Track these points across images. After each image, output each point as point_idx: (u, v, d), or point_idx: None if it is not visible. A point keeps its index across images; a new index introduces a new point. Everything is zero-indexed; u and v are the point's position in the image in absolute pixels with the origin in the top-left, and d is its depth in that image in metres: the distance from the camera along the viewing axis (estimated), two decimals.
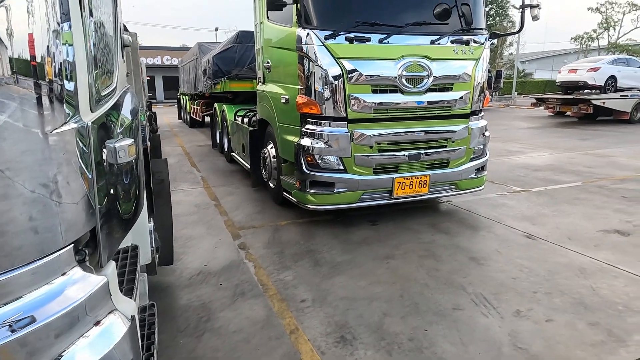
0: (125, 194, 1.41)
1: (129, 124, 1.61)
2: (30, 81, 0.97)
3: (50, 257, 1.02)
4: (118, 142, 1.30)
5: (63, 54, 1.02)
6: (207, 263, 3.87)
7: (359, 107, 4.31)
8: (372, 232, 4.61)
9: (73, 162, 1.08)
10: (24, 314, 0.97)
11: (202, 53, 11.71)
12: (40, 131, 0.99)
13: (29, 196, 0.99)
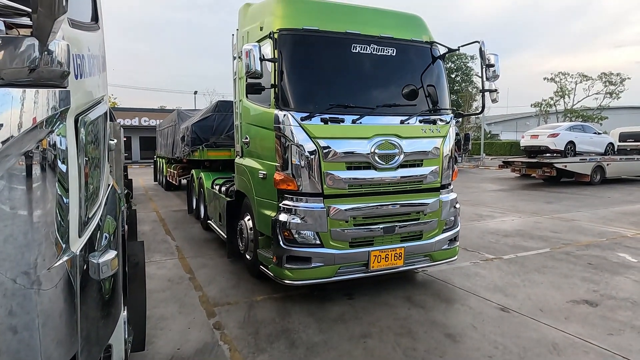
0: (106, 306, 1.43)
1: (113, 228, 1.66)
2: (27, 224, 1.03)
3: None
4: (101, 258, 1.34)
5: (58, 197, 1.09)
6: (179, 347, 3.74)
7: (334, 183, 4.47)
8: (348, 307, 4.59)
9: (59, 294, 1.12)
10: None
11: (180, 120, 11.97)
12: (31, 273, 1.03)
13: (14, 334, 1.01)
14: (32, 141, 1.00)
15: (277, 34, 4.47)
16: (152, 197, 14.53)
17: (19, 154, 0.97)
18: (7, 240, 0.98)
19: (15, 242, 1.00)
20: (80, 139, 1.23)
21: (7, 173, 0.97)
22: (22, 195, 1.01)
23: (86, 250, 1.30)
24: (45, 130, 1.03)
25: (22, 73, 0.92)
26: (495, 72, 5.01)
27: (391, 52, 4.91)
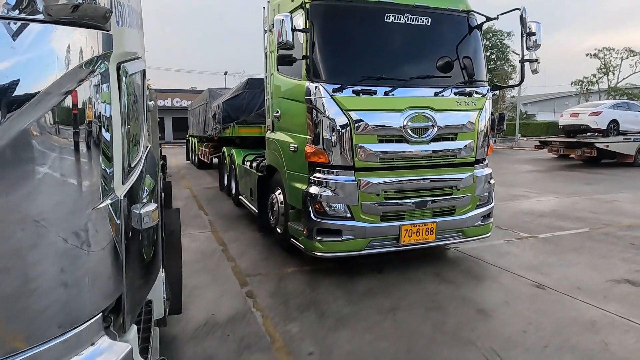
0: (147, 257, 1.47)
1: (152, 186, 1.70)
2: (73, 164, 1.06)
3: (80, 328, 1.07)
4: (143, 208, 1.38)
5: (103, 138, 1.12)
6: (214, 312, 3.86)
7: (365, 156, 4.42)
8: (377, 281, 4.59)
9: (105, 236, 1.16)
10: None
11: (212, 98, 12.10)
12: (79, 210, 1.07)
13: (64, 270, 1.05)
14: (74, 81, 1.02)
15: (309, 3, 4.41)
16: (184, 175, 14.89)
17: (62, 92, 1.00)
18: (51, 178, 1.01)
19: (61, 181, 1.04)
20: (122, 87, 1.25)
21: (52, 112, 0.99)
22: (67, 134, 1.04)
23: (129, 199, 1.33)
24: (87, 70, 1.06)
25: (66, 10, 0.94)
26: (537, 41, 4.77)
27: (426, 21, 4.75)
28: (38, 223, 1.00)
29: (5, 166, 0.92)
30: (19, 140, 0.94)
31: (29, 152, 0.96)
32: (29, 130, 0.95)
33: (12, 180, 0.94)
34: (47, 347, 1.00)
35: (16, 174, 0.95)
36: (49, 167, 1.01)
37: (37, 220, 1.00)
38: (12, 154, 0.92)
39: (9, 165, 0.93)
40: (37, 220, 1.00)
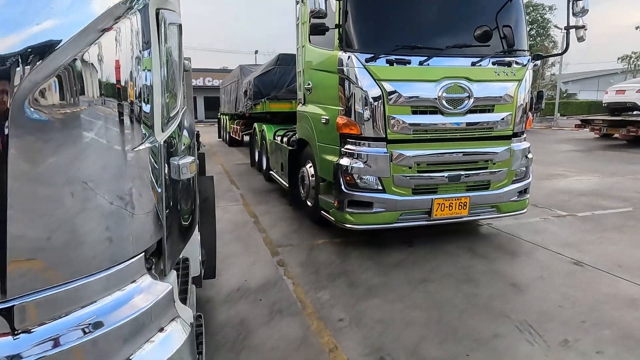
0: (185, 208, 1.51)
1: (188, 142, 1.73)
2: (114, 103, 1.08)
3: (122, 265, 1.12)
4: (181, 160, 1.41)
5: (143, 79, 1.14)
6: (246, 279, 3.95)
7: (398, 128, 4.35)
8: (408, 254, 4.57)
9: (146, 177, 1.19)
10: (97, 317, 1.05)
11: (243, 75, 12.15)
12: (121, 149, 1.10)
13: (107, 208, 1.09)
14: (113, 17, 1.03)
15: None
16: (216, 152, 15.14)
17: (101, 29, 1.01)
18: (93, 118, 1.04)
19: (102, 121, 1.06)
20: (160, 32, 1.26)
21: (90, 49, 1.01)
22: (107, 73, 1.06)
23: (167, 149, 1.36)
24: (126, 7, 1.06)
25: None
26: (584, 7, 4.50)
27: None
28: (83, 162, 1.03)
29: (50, 105, 0.95)
30: (60, 76, 0.96)
31: (70, 89, 0.98)
32: (69, 67, 0.96)
33: (56, 120, 0.96)
34: (92, 279, 1.05)
35: (59, 113, 0.97)
36: (90, 107, 1.03)
37: (83, 159, 1.03)
38: (56, 89, 0.95)
39: (53, 105, 0.96)
40: (83, 159, 1.03)
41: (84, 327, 1.02)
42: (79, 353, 1.00)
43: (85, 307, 1.04)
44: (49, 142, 0.96)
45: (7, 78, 0.89)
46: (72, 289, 1.00)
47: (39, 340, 0.94)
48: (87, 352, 1.01)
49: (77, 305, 1.02)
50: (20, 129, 0.91)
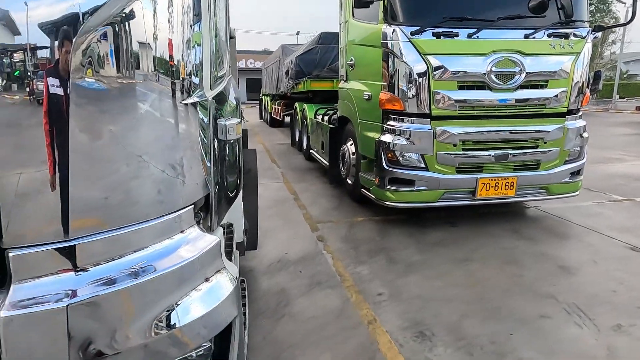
0: (231, 168, 1.54)
1: (234, 107, 1.76)
2: (166, 55, 1.11)
3: (172, 215, 1.16)
4: (228, 121, 1.43)
5: (194, 30, 1.15)
6: (286, 252, 4.02)
7: (443, 104, 4.21)
8: (449, 234, 4.47)
9: (195, 131, 1.22)
10: (147, 262, 1.09)
11: (285, 55, 12.16)
12: (171, 101, 1.13)
13: (159, 159, 1.13)
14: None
15: None
16: (257, 132, 15.36)
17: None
18: (145, 68, 1.06)
19: (154, 72, 1.09)
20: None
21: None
22: (159, 24, 1.08)
23: (215, 106, 1.38)
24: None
25: None
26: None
27: None
28: (135, 114, 1.07)
29: (103, 56, 0.98)
30: (112, 25, 0.98)
31: (121, 41, 1.01)
32: (120, 18, 0.99)
33: (109, 74, 0.99)
34: (144, 226, 1.09)
35: (111, 65, 1.00)
36: (142, 58, 1.06)
37: (135, 111, 1.06)
38: (108, 40, 0.98)
39: (106, 56, 0.99)
40: (135, 111, 1.06)
41: (135, 271, 1.07)
42: (129, 295, 1.05)
43: (137, 252, 1.08)
44: (103, 96, 0.99)
45: (69, 38, 0.92)
46: (125, 234, 1.05)
47: (94, 279, 0.99)
48: (136, 294, 1.06)
49: (130, 250, 1.07)
50: (79, 86, 0.95)
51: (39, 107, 0.92)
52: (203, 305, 1.17)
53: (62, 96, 0.92)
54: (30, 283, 0.93)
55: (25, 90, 0.91)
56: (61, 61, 0.92)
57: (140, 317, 1.05)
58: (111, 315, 1.01)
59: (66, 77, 0.93)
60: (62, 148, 0.94)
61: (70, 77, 0.93)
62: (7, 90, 0.89)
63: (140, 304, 1.06)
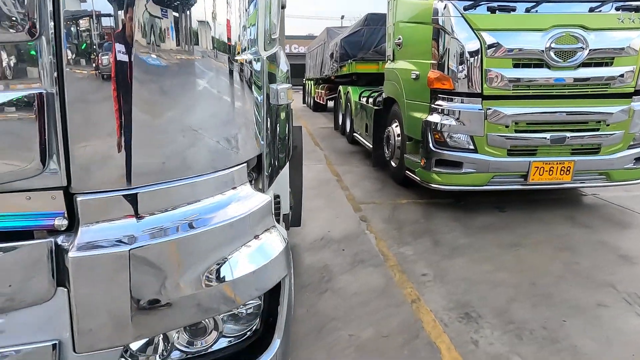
0: (281, 133, 1.55)
1: (284, 74, 1.76)
2: (224, 9, 1.11)
3: (226, 172, 1.17)
4: (279, 85, 1.42)
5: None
6: (329, 230, 4.03)
7: (496, 82, 4.02)
8: (498, 219, 4.31)
9: (249, 89, 1.22)
10: (200, 215, 1.12)
11: (330, 37, 12.06)
12: (228, 56, 1.13)
13: (214, 116, 1.14)
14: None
15: None
16: (301, 116, 15.41)
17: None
18: (201, 27, 1.07)
19: (209, 29, 1.09)
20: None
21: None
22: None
23: (268, 67, 1.38)
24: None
25: None
26: None
27: None
28: (193, 69, 1.08)
29: (160, 17, 0.99)
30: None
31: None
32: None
33: (166, 26, 1.01)
34: (198, 180, 1.12)
35: (169, 20, 1.01)
36: (199, 13, 1.06)
37: (191, 66, 1.08)
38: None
39: (163, 17, 1.00)
40: (191, 66, 1.08)
41: (189, 222, 1.09)
42: (183, 245, 1.08)
43: (191, 205, 1.11)
44: (162, 53, 1.01)
45: (132, 4, 0.94)
46: (181, 186, 1.08)
47: (153, 227, 1.03)
48: (187, 245, 1.08)
49: (184, 202, 1.10)
50: (140, 48, 0.97)
51: (107, 67, 0.95)
52: (253, 262, 1.19)
53: (128, 54, 0.95)
54: (96, 227, 0.98)
55: (94, 53, 0.94)
56: (127, 27, 0.94)
57: (192, 268, 1.08)
58: (167, 263, 1.05)
59: (130, 35, 0.95)
60: (127, 106, 0.97)
61: (133, 32, 0.95)
62: (79, 54, 0.93)
63: (193, 255, 1.09)
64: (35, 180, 0.94)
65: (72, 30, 0.92)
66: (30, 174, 0.93)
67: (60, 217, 0.97)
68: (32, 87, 0.91)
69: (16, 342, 0.99)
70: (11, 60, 0.91)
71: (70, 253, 0.96)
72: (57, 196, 0.97)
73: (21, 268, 0.96)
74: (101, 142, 0.97)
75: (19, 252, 0.95)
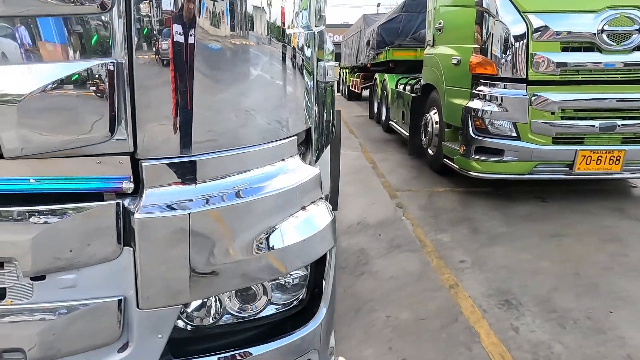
0: (327, 110, 1.57)
1: (329, 53, 1.77)
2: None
3: (276, 143, 1.21)
4: (327, 63, 1.44)
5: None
6: (365, 216, 4.05)
7: (543, 67, 3.88)
8: (540, 208, 4.18)
9: (300, 63, 1.25)
10: (249, 184, 1.16)
11: (366, 25, 11.92)
12: (281, 28, 1.16)
13: (267, 89, 1.18)
14: None
15: None
16: (335, 104, 15.38)
17: None
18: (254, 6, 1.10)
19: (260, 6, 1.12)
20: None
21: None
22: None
23: (317, 43, 1.40)
24: None
25: None
26: None
27: None
28: (248, 41, 1.12)
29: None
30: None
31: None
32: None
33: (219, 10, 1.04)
34: (250, 150, 1.16)
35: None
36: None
37: (247, 38, 1.11)
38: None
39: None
40: (247, 38, 1.11)
41: (241, 190, 1.14)
42: (234, 211, 1.12)
43: (242, 174, 1.15)
44: (220, 28, 1.05)
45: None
46: (235, 156, 1.13)
47: (210, 192, 1.09)
48: (240, 211, 1.13)
49: (237, 171, 1.14)
50: (202, 25, 1.01)
51: (172, 42, 0.99)
52: (301, 232, 1.22)
53: (190, 30, 1.00)
54: (159, 190, 1.04)
55: (161, 28, 0.99)
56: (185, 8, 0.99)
57: (244, 234, 1.13)
58: (221, 228, 1.10)
59: (191, 31, 1.00)
60: (189, 79, 1.02)
61: (195, 11, 1.00)
62: (147, 28, 0.98)
63: (244, 221, 1.14)
64: (105, 146, 1.00)
65: (141, 5, 0.97)
66: (100, 140, 0.99)
67: (127, 181, 1.04)
68: (104, 58, 0.97)
69: (86, 296, 1.07)
70: (85, 32, 0.97)
71: (135, 214, 1.02)
72: (124, 161, 1.03)
73: (92, 227, 1.03)
74: (165, 112, 1.03)
75: (91, 212, 1.02)
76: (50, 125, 0.97)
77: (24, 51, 0.95)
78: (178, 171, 1.06)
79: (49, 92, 0.95)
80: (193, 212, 1.05)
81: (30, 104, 0.94)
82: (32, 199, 1.03)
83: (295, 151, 1.28)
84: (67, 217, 1.02)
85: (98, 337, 1.09)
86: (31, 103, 0.94)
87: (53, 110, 0.96)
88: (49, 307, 1.06)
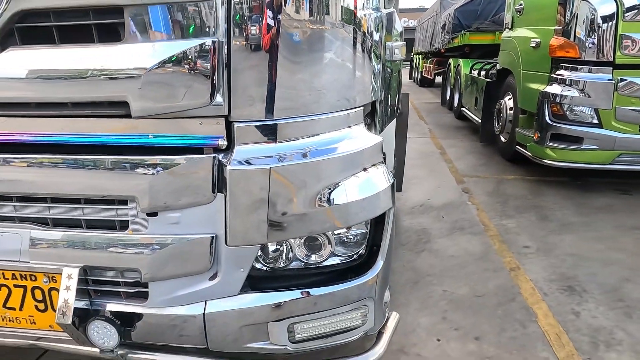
0: (393, 87, 1.70)
1: (397, 34, 1.89)
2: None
3: (344, 112, 1.37)
4: (394, 43, 1.57)
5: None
6: (429, 198, 4.10)
7: (633, 50, 3.63)
8: (620, 200, 3.95)
9: (371, 42, 1.39)
10: (317, 146, 1.33)
11: (443, 8, 11.56)
12: (353, 9, 1.31)
13: (339, 64, 1.34)
14: None
15: None
16: (406, 91, 15.16)
17: None
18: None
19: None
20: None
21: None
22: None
23: (386, 23, 1.53)
24: None
25: None
26: None
27: None
28: (324, 19, 1.28)
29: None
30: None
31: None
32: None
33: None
34: (321, 117, 1.33)
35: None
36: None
37: (322, 21, 1.28)
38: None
39: None
40: (322, 21, 1.28)
41: (310, 150, 1.32)
42: (304, 168, 1.31)
43: (313, 137, 1.33)
44: (298, 14, 1.23)
45: None
46: (308, 121, 1.31)
47: (287, 151, 1.28)
48: (308, 168, 1.31)
49: (308, 134, 1.32)
50: (287, 11, 1.20)
51: (263, 24, 1.19)
52: (362, 190, 1.38)
53: (276, 13, 1.19)
54: (246, 147, 1.26)
55: (254, 12, 1.19)
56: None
57: (312, 187, 1.32)
58: (295, 181, 1.30)
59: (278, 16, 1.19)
60: (274, 55, 1.21)
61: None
62: (244, 12, 1.19)
63: (314, 177, 1.32)
64: (206, 110, 1.23)
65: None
66: (202, 105, 1.23)
67: (222, 139, 1.26)
68: (208, 37, 1.19)
69: (187, 232, 1.33)
70: (194, 16, 1.20)
71: (228, 167, 1.25)
72: (220, 123, 1.26)
73: (194, 176, 1.28)
74: (254, 83, 1.23)
75: (194, 163, 1.27)
76: (166, 91, 1.22)
77: (150, 32, 1.20)
78: (262, 132, 1.27)
79: (166, 65, 1.19)
80: (273, 166, 1.25)
81: (151, 75, 1.19)
82: (150, 151, 1.30)
83: (361, 120, 1.43)
84: (176, 167, 1.28)
85: (194, 266, 1.35)
86: (153, 74, 1.19)
87: (168, 79, 1.21)
88: (159, 238, 1.33)
